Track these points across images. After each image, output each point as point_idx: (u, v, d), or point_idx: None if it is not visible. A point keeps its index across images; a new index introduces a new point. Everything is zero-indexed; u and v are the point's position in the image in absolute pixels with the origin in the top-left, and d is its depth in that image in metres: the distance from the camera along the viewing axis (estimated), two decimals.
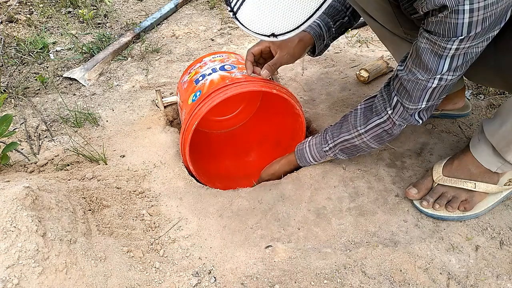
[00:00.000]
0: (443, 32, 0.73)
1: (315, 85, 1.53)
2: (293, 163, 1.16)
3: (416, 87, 0.85)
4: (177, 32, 1.91)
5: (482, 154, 0.94)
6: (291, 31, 0.65)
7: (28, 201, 0.81)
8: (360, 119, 0.98)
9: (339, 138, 1.03)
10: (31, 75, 1.58)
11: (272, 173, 1.19)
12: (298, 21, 0.64)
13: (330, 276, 0.87)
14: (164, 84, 1.55)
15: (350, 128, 1.00)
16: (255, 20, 0.66)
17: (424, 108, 0.89)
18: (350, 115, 1.02)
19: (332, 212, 1.03)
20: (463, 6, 0.67)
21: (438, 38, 0.74)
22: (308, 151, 1.11)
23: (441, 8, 0.69)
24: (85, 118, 1.34)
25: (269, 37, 0.67)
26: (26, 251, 0.74)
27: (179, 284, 0.86)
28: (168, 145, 1.23)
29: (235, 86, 1.07)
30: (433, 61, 0.79)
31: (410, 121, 0.92)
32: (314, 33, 1.10)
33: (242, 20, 0.68)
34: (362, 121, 0.98)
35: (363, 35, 1.81)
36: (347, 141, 1.02)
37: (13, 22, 1.87)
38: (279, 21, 0.65)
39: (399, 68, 0.88)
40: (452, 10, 0.68)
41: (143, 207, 1.03)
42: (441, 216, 0.98)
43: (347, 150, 1.05)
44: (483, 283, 0.86)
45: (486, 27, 0.70)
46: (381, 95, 0.94)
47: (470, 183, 0.97)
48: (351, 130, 1.00)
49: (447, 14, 0.69)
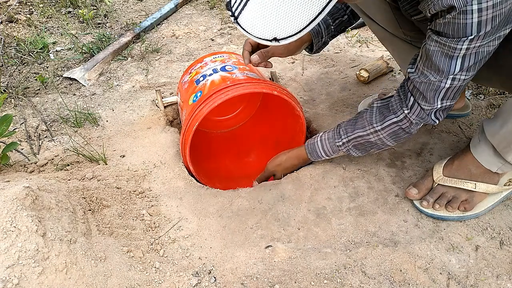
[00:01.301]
0: (452, 33, 0.73)
1: (315, 85, 1.53)
2: (303, 157, 1.14)
3: (429, 88, 0.84)
4: (177, 32, 1.91)
5: (483, 155, 0.94)
6: (293, 35, 0.65)
7: (28, 201, 0.80)
8: (376, 116, 0.97)
9: (353, 134, 1.01)
10: (31, 75, 1.58)
11: (279, 164, 1.18)
12: (300, 25, 0.64)
13: (330, 276, 0.87)
14: (164, 84, 1.55)
15: (365, 125, 0.99)
16: (257, 24, 0.66)
17: (440, 108, 0.89)
18: (365, 113, 1.00)
19: (332, 212, 1.03)
20: (471, 6, 0.67)
21: (447, 39, 0.74)
22: (320, 146, 1.09)
23: (449, 9, 0.69)
24: (85, 118, 1.34)
25: (271, 42, 0.67)
26: (26, 251, 0.74)
27: (179, 284, 0.86)
28: (168, 145, 1.23)
29: (236, 87, 1.07)
30: (444, 63, 0.78)
31: (427, 120, 0.91)
32: (312, 30, 1.10)
33: (243, 24, 0.68)
34: (378, 118, 0.96)
35: (363, 35, 1.81)
36: (362, 137, 1.00)
37: (13, 22, 1.87)
38: (281, 25, 0.64)
39: (410, 71, 0.88)
40: (460, 11, 0.68)
41: (143, 207, 1.03)
42: (441, 216, 0.98)
43: (361, 146, 1.03)
44: (483, 283, 0.86)
45: (495, 26, 0.70)
46: (398, 95, 0.94)
47: (471, 184, 0.97)
48: (367, 127, 0.98)
49: (455, 15, 0.69)
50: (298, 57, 1.66)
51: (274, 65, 1.63)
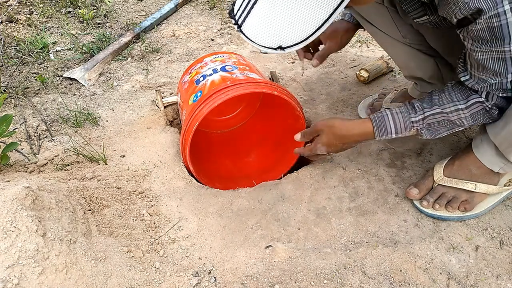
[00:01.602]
0: (491, 37, 0.72)
1: (315, 85, 1.53)
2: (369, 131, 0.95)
3: (493, 88, 0.83)
4: (177, 32, 1.91)
5: (485, 155, 0.94)
6: (299, 43, 0.64)
7: (28, 201, 0.80)
8: (457, 95, 0.89)
9: (432, 110, 0.91)
10: (31, 75, 1.58)
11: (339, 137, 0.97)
12: (306, 32, 0.62)
13: (330, 276, 0.87)
14: (164, 84, 1.55)
15: (445, 102, 0.90)
16: (261, 32, 0.65)
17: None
18: (440, 92, 0.92)
19: (332, 212, 1.03)
20: (503, 7, 0.66)
21: (491, 44, 0.73)
22: (390, 119, 0.93)
23: (478, 12, 0.68)
24: (85, 118, 1.34)
25: (276, 50, 0.65)
26: (26, 251, 0.74)
27: (179, 284, 0.86)
28: (168, 145, 1.23)
29: (236, 87, 1.07)
30: (499, 66, 0.77)
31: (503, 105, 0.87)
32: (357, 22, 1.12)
33: (247, 33, 0.67)
34: (460, 97, 0.89)
35: (363, 35, 1.81)
36: (441, 114, 0.91)
37: (13, 22, 1.87)
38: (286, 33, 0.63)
39: (464, 78, 0.86)
40: (492, 14, 0.67)
41: (143, 207, 1.03)
42: (441, 216, 0.98)
43: (435, 125, 0.93)
44: (483, 283, 0.86)
45: None
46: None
47: (471, 184, 0.97)
48: (448, 104, 0.89)
49: (487, 19, 0.68)
50: (298, 57, 1.66)
51: (274, 65, 1.63)
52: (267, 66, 1.63)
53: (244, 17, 0.66)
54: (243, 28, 0.67)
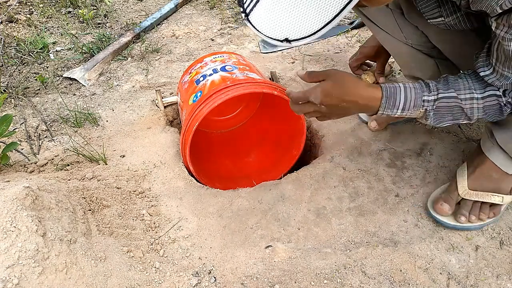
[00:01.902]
0: None
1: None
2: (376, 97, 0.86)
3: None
4: (177, 32, 1.91)
5: (499, 159, 0.93)
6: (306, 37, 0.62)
7: (28, 201, 0.81)
8: (475, 84, 0.85)
9: (447, 92, 0.85)
10: (31, 75, 1.58)
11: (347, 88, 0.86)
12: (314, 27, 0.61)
13: (330, 276, 0.87)
14: (164, 84, 1.55)
15: (461, 87, 0.85)
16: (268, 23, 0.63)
17: None
18: (457, 77, 0.87)
19: (332, 212, 1.03)
20: None
21: None
22: (402, 92, 0.86)
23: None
24: (85, 118, 1.34)
25: (282, 42, 0.64)
26: (26, 251, 0.74)
27: (179, 284, 0.86)
28: (168, 145, 1.23)
29: (236, 87, 1.07)
30: None
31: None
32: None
33: (254, 22, 0.65)
34: (477, 85, 0.85)
35: (363, 35, 1.81)
36: (455, 99, 0.85)
37: (13, 22, 1.87)
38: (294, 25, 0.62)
39: (484, 73, 0.82)
40: None
41: (143, 207, 1.03)
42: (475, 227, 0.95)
43: (444, 111, 0.87)
44: (483, 283, 0.86)
45: None
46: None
47: (498, 197, 0.95)
48: (464, 90, 0.85)
49: None
50: (298, 57, 1.66)
51: (274, 65, 1.63)
52: (267, 66, 1.63)
53: (253, 6, 0.65)
54: (250, 17, 0.65)
